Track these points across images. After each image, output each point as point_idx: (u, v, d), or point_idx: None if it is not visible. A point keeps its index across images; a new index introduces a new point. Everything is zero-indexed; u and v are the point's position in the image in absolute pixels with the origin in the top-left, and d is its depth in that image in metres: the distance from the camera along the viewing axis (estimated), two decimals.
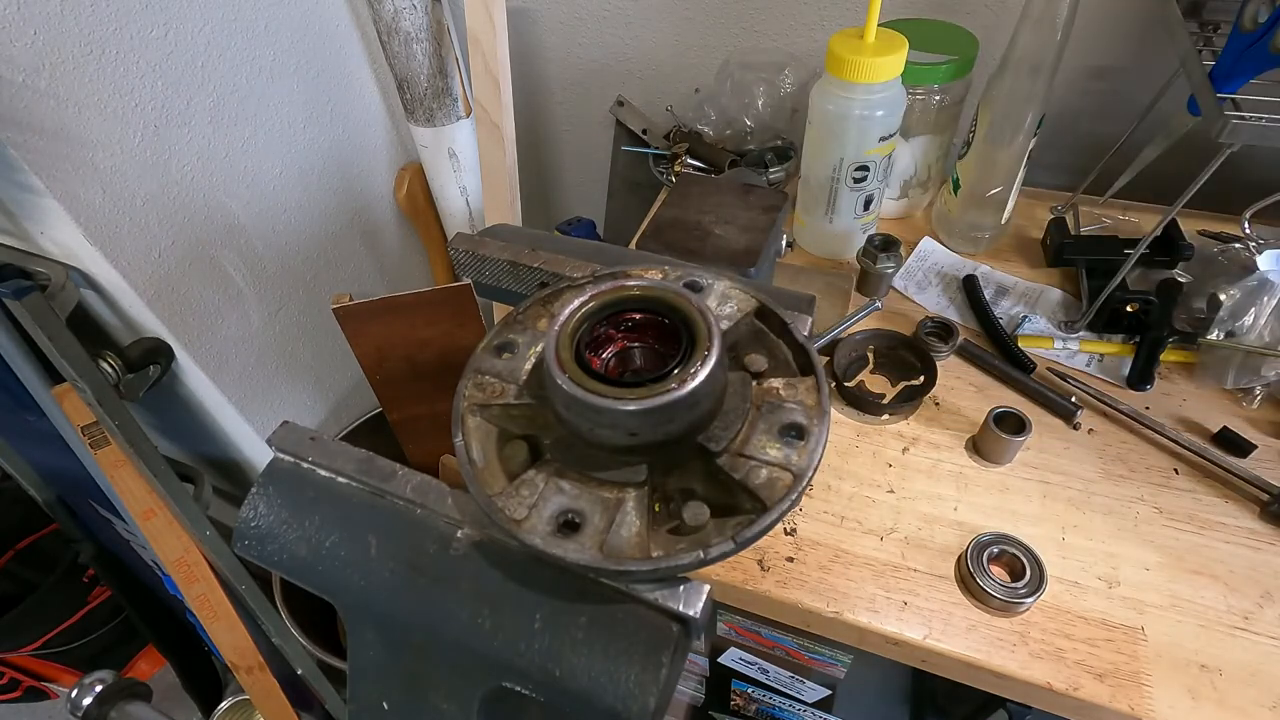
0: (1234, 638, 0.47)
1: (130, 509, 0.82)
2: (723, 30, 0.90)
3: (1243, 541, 0.52)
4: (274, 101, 0.87)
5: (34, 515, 1.12)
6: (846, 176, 0.70)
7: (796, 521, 0.55)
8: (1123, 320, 0.65)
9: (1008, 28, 0.63)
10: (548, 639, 0.26)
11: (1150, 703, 0.45)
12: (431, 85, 0.92)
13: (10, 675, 1.25)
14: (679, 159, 0.90)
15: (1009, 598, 0.48)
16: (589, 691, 0.26)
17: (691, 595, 0.26)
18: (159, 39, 0.71)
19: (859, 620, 0.50)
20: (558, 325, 0.27)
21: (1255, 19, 0.50)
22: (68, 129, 0.65)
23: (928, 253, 0.77)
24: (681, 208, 0.61)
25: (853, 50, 0.62)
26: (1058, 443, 0.59)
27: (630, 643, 0.26)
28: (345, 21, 0.95)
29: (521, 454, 0.28)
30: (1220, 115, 0.49)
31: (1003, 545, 0.51)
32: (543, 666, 0.26)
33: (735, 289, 0.32)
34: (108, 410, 0.74)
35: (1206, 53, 0.54)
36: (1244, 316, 0.59)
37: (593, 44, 0.99)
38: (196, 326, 0.82)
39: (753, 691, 0.89)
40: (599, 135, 1.09)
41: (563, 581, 0.27)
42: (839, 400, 0.63)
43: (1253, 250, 0.65)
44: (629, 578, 0.26)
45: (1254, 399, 0.60)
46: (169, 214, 0.76)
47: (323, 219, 0.99)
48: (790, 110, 0.87)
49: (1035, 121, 0.65)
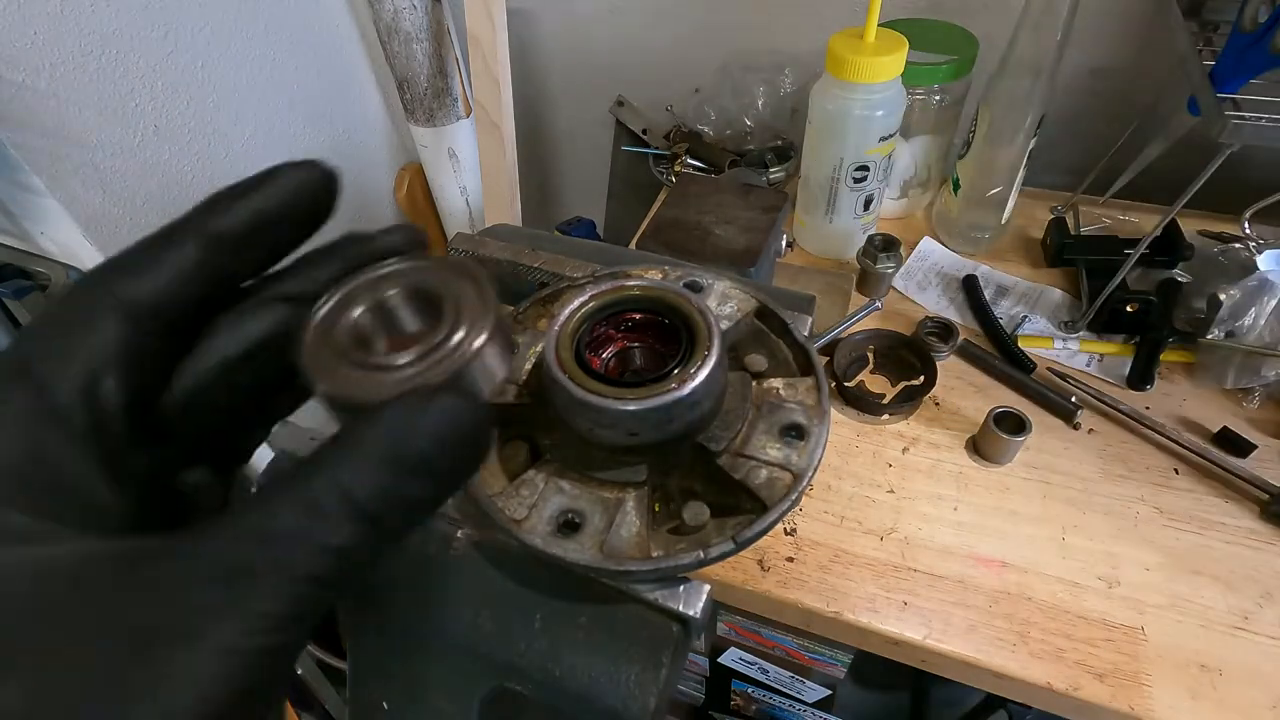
0: (1234, 638, 0.47)
1: None
2: (723, 30, 0.90)
3: (1243, 541, 0.52)
4: (274, 102, 0.87)
5: None
6: (846, 176, 0.70)
7: (797, 521, 0.55)
8: (1123, 320, 0.65)
9: (1008, 28, 0.63)
10: (548, 639, 0.26)
11: (1150, 703, 0.45)
12: (431, 85, 0.92)
13: None
14: (679, 159, 0.90)
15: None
16: (589, 691, 0.26)
17: (691, 595, 0.26)
18: (159, 39, 0.71)
19: (859, 620, 0.50)
20: (557, 325, 0.27)
21: (1255, 19, 0.50)
22: (68, 129, 0.65)
23: (928, 253, 0.77)
24: (681, 208, 0.61)
25: (853, 50, 0.62)
26: (1058, 443, 0.59)
27: (630, 643, 0.26)
28: (345, 21, 0.95)
29: (521, 454, 0.28)
30: (1220, 115, 0.49)
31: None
32: (543, 666, 0.26)
33: (735, 289, 0.32)
34: None
35: (1206, 53, 0.54)
36: (1244, 316, 0.59)
37: (593, 44, 0.99)
38: None
39: (753, 691, 0.89)
40: (599, 135, 1.09)
41: (563, 581, 0.27)
42: (839, 400, 0.63)
43: (1253, 250, 0.65)
44: (629, 578, 0.26)
45: (1254, 399, 0.60)
46: (169, 214, 0.75)
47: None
48: (790, 110, 0.87)
49: (1035, 121, 0.65)
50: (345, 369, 0.17)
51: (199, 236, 0.17)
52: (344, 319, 0.18)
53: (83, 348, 0.16)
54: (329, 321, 0.18)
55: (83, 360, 0.16)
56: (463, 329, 0.17)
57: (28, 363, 0.16)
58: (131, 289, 0.17)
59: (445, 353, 0.17)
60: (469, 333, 0.17)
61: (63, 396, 0.16)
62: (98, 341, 0.16)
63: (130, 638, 0.13)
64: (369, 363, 0.17)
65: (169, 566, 0.14)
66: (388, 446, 0.15)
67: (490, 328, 0.18)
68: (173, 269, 0.17)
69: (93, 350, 0.16)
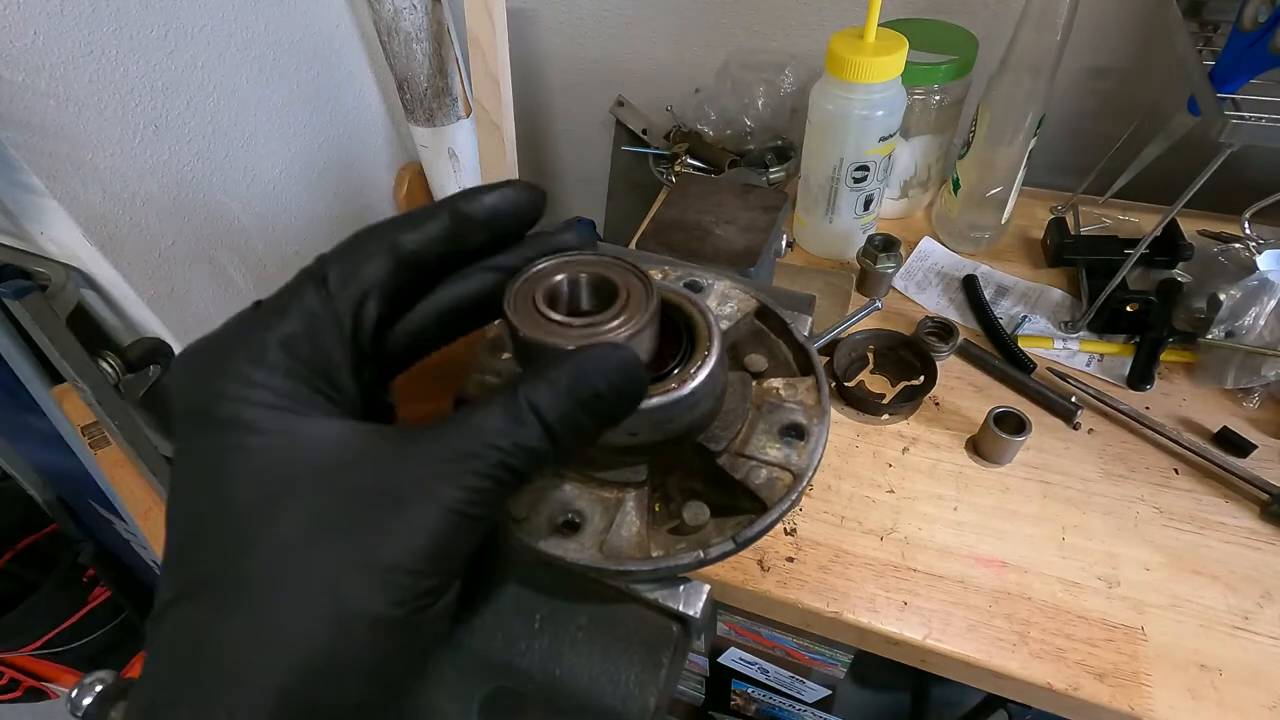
0: (1234, 638, 0.47)
1: (130, 509, 0.82)
2: (723, 30, 0.90)
3: (1243, 541, 0.52)
4: (274, 101, 0.87)
5: (34, 515, 1.12)
6: (846, 176, 0.70)
7: (796, 521, 0.55)
8: (1123, 320, 0.65)
9: (1008, 28, 0.63)
10: (548, 639, 0.26)
11: (1150, 703, 0.45)
12: (431, 85, 0.92)
13: (10, 675, 1.25)
14: (679, 159, 0.90)
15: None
16: (589, 691, 0.26)
17: (691, 595, 0.26)
18: (159, 39, 0.71)
19: (859, 620, 0.50)
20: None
21: (1255, 19, 0.50)
22: (68, 129, 0.65)
23: (928, 253, 0.77)
24: (681, 208, 0.61)
25: (853, 50, 0.62)
26: (1058, 443, 0.59)
27: (630, 643, 0.26)
28: (345, 21, 0.95)
29: None
30: (1220, 115, 0.49)
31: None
32: (543, 666, 0.26)
33: (735, 289, 0.32)
34: (108, 410, 0.74)
35: (1206, 53, 0.54)
36: (1244, 316, 0.59)
37: (593, 44, 0.99)
38: (197, 327, 0.82)
39: (753, 691, 0.89)
40: (599, 135, 1.09)
41: (563, 581, 0.27)
42: (839, 400, 0.63)
43: (1253, 250, 0.65)
44: (629, 578, 0.26)
45: (1254, 399, 0.60)
46: (169, 214, 0.76)
47: (323, 219, 0.99)
48: (790, 110, 0.87)
49: (1035, 121, 0.65)
50: (535, 319, 0.22)
51: (451, 213, 0.23)
52: (539, 288, 0.23)
53: (363, 273, 0.21)
54: (527, 288, 0.23)
55: (359, 282, 0.21)
56: (627, 312, 0.22)
57: (325, 271, 0.21)
58: (402, 238, 0.22)
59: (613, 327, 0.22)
60: (633, 316, 0.22)
61: (342, 305, 0.21)
62: (373, 271, 0.21)
63: (382, 495, 0.18)
64: (555, 321, 0.22)
65: (413, 448, 0.19)
66: (572, 382, 0.20)
67: (649, 317, 0.22)
68: (430, 230, 0.22)
69: (368, 277, 0.21)
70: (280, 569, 0.18)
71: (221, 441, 0.19)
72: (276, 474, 0.19)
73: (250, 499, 0.18)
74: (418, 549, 0.18)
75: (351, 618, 0.17)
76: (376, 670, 0.18)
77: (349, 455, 0.19)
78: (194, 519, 0.19)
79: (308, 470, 0.19)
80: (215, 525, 0.19)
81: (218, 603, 0.18)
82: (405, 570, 0.18)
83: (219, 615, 0.18)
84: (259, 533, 0.18)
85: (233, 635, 0.17)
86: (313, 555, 0.18)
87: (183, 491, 0.20)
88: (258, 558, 0.18)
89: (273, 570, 0.18)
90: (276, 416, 0.19)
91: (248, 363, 0.19)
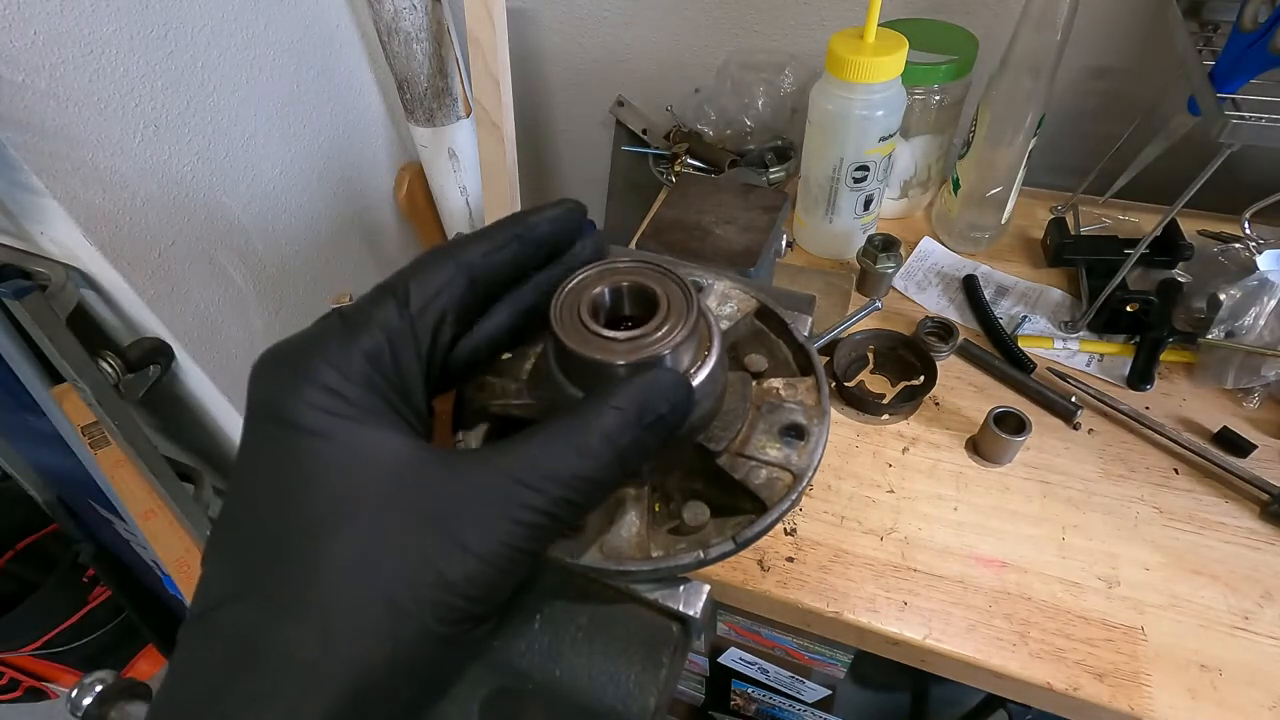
0: (1234, 638, 0.47)
1: (130, 509, 0.82)
2: (723, 30, 0.90)
3: (1243, 541, 0.52)
4: (274, 102, 0.87)
5: (34, 515, 1.12)
6: (846, 176, 0.70)
7: (796, 521, 0.55)
8: (1123, 320, 0.65)
9: (1008, 28, 0.63)
10: (548, 639, 0.26)
11: (1150, 703, 0.45)
12: (431, 85, 0.92)
13: (10, 675, 1.25)
14: (679, 159, 0.90)
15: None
16: (589, 691, 0.26)
17: (691, 595, 0.26)
18: (159, 39, 0.71)
19: (859, 620, 0.50)
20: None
21: (1255, 19, 0.50)
22: (68, 129, 0.65)
23: (928, 253, 0.77)
24: (681, 208, 0.61)
25: (853, 50, 0.62)
26: (1058, 443, 0.59)
27: (630, 643, 0.26)
28: (345, 21, 0.95)
29: None
30: (1220, 115, 0.49)
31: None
32: (543, 666, 0.26)
33: (735, 289, 0.32)
34: (108, 410, 0.74)
35: (1206, 53, 0.54)
36: (1244, 316, 0.59)
37: (593, 44, 0.99)
38: (196, 327, 0.82)
39: (753, 691, 0.89)
40: (599, 135, 1.09)
41: (563, 581, 0.27)
42: (839, 400, 0.63)
43: (1253, 250, 0.65)
44: (629, 578, 0.26)
45: (1254, 399, 0.60)
46: (169, 214, 0.76)
47: (323, 219, 0.99)
48: (790, 110, 0.87)
49: (1035, 121, 0.65)
50: (583, 334, 0.22)
51: (518, 238, 0.24)
52: (582, 300, 0.23)
53: (444, 292, 0.22)
54: (571, 300, 0.24)
55: (441, 302, 0.22)
56: (670, 322, 0.22)
57: (406, 285, 0.22)
58: (476, 261, 0.23)
59: (659, 337, 0.22)
60: (676, 326, 0.22)
61: (422, 324, 0.21)
62: (451, 291, 0.22)
63: (444, 517, 0.19)
64: (603, 336, 0.22)
65: (478, 474, 0.20)
66: (639, 409, 0.21)
67: (691, 326, 0.23)
68: (503, 255, 0.23)
69: (447, 299, 0.22)
70: (345, 580, 0.18)
71: (296, 444, 0.19)
72: (347, 485, 0.19)
73: (320, 508, 0.19)
74: (473, 576, 0.19)
75: (408, 632, 0.18)
76: (423, 680, 0.19)
77: (417, 474, 0.20)
78: (260, 520, 0.20)
79: (377, 485, 0.19)
80: (282, 530, 0.19)
81: (284, 604, 0.18)
82: (460, 594, 0.19)
83: (284, 616, 0.18)
84: (326, 543, 0.19)
85: (297, 636, 0.18)
86: (379, 568, 0.18)
87: (249, 490, 0.20)
88: (324, 567, 0.18)
89: (337, 580, 0.18)
90: (351, 427, 0.20)
91: (332, 370, 0.20)
